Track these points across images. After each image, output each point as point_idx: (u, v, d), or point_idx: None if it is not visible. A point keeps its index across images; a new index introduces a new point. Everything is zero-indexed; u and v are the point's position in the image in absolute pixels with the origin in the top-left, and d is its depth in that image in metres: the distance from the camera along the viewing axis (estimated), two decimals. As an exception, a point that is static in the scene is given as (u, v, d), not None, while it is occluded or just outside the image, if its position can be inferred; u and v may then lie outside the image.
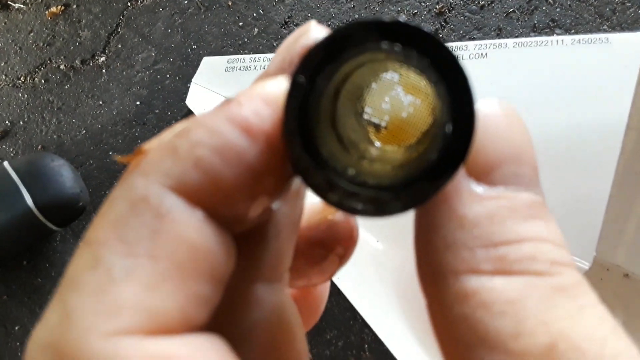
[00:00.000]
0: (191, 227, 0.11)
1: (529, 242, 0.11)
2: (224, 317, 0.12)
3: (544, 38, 0.42)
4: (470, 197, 0.12)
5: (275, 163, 0.11)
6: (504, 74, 0.43)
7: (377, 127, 0.15)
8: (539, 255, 0.11)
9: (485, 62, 0.43)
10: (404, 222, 0.14)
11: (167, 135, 0.12)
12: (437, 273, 0.12)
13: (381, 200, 0.12)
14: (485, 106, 0.12)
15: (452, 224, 0.12)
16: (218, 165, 0.11)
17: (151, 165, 0.11)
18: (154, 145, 0.11)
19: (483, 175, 0.12)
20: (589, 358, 0.10)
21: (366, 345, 0.48)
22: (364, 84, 0.15)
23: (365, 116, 0.15)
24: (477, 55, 0.44)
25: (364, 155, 0.14)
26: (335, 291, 0.46)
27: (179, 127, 0.11)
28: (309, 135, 0.11)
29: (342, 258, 0.16)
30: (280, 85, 0.12)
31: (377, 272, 0.46)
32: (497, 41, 0.43)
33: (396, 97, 0.15)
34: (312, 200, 0.15)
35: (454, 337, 0.11)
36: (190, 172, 0.11)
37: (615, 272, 0.47)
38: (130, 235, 0.10)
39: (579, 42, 0.41)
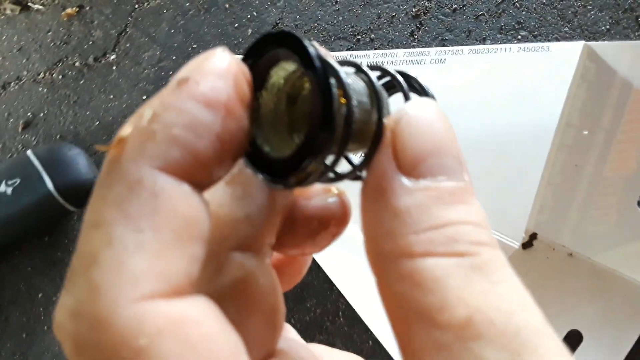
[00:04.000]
0: (182, 200, 0.11)
1: (451, 226, 0.12)
2: (199, 279, 0.13)
3: (495, 46, 0.47)
4: (402, 190, 0.13)
5: (236, 127, 0.12)
6: (460, 78, 0.47)
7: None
8: (460, 237, 0.12)
9: (444, 67, 0.48)
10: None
11: (136, 119, 0.12)
12: (380, 257, 0.13)
13: (273, 172, 0.13)
14: (411, 107, 0.14)
15: (388, 214, 0.13)
16: (192, 139, 0.11)
17: (137, 151, 0.11)
18: (130, 132, 0.12)
19: (411, 170, 0.13)
20: (498, 328, 0.11)
21: (340, 312, 0.52)
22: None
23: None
24: (437, 61, 0.49)
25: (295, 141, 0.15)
26: (315, 266, 0.50)
27: (143, 110, 0.12)
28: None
29: (334, 235, 0.17)
30: (226, 59, 0.12)
31: (348, 249, 0.51)
32: (454, 48, 0.48)
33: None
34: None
35: (395, 311, 0.12)
36: (171, 151, 0.11)
37: (560, 251, 0.49)
38: (133, 214, 0.11)
39: (524, 49, 0.46)
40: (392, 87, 0.16)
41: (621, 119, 0.46)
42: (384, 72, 0.16)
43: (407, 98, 0.15)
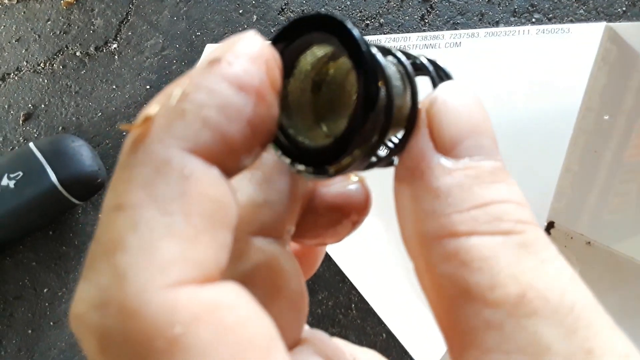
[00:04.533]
0: (212, 184, 0.11)
1: (494, 205, 0.12)
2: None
3: (512, 28, 0.46)
4: (441, 170, 0.13)
5: (266, 114, 0.12)
6: (477, 62, 0.46)
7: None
8: (505, 215, 0.12)
9: (459, 51, 0.47)
10: (384, 194, 0.16)
11: (163, 98, 0.12)
12: (421, 239, 0.13)
13: (310, 162, 0.13)
14: (445, 90, 0.14)
15: (429, 195, 0.13)
16: (223, 122, 0.11)
17: (164, 131, 0.11)
18: (157, 110, 0.11)
19: (449, 150, 0.13)
20: (552, 304, 0.11)
21: (353, 305, 0.51)
22: (350, 76, 0.16)
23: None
24: (452, 44, 0.47)
25: (330, 130, 0.15)
26: (326, 257, 0.49)
27: (172, 90, 0.12)
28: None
29: (355, 224, 0.17)
30: (258, 43, 0.12)
31: (362, 240, 0.50)
32: (470, 31, 0.47)
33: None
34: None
35: (440, 292, 0.12)
36: (202, 133, 0.11)
37: (578, 240, 0.48)
38: (161, 197, 0.10)
39: (543, 32, 0.45)
40: (416, 70, 0.15)
41: (644, 103, 0.44)
42: (407, 56, 0.15)
43: (434, 81, 0.15)
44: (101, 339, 0.10)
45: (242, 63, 0.12)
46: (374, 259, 0.50)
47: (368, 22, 0.62)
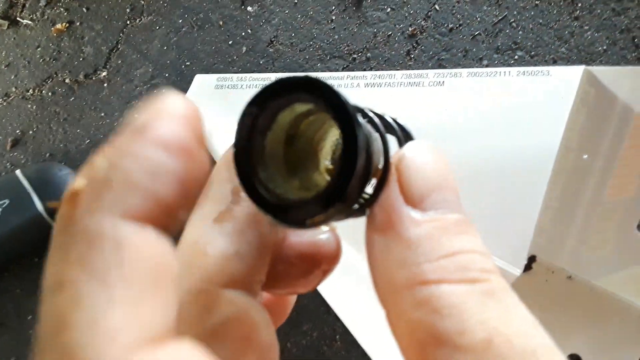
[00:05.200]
0: (148, 245, 0.11)
1: (461, 254, 0.13)
2: (190, 319, 0.13)
3: (494, 69, 0.47)
4: (411, 222, 0.14)
5: (196, 169, 0.12)
6: (459, 101, 0.47)
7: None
8: (471, 264, 0.13)
9: (442, 89, 0.48)
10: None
11: (89, 171, 0.11)
12: (393, 287, 0.13)
13: (285, 212, 0.14)
14: (412, 148, 0.15)
15: (400, 245, 0.13)
16: (153, 185, 0.11)
17: (93, 203, 0.11)
18: (83, 184, 0.11)
19: (417, 203, 0.14)
20: (517, 349, 0.12)
21: (337, 336, 0.52)
22: (319, 133, 0.16)
23: (324, 162, 0.17)
24: (435, 83, 0.49)
25: (306, 183, 0.16)
26: None
27: (96, 161, 0.12)
28: (251, 160, 0.14)
29: (326, 273, 0.17)
30: (179, 102, 0.12)
31: (345, 273, 0.50)
32: (453, 70, 0.48)
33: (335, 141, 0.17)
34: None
35: (411, 338, 0.13)
36: (131, 198, 0.11)
37: (559, 274, 0.50)
38: (98, 270, 0.10)
39: (524, 73, 0.46)
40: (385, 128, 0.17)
41: (621, 143, 0.46)
42: (377, 115, 0.16)
43: (399, 139, 0.16)
44: None
45: (167, 125, 0.12)
46: (357, 290, 0.50)
47: (355, 56, 0.63)
